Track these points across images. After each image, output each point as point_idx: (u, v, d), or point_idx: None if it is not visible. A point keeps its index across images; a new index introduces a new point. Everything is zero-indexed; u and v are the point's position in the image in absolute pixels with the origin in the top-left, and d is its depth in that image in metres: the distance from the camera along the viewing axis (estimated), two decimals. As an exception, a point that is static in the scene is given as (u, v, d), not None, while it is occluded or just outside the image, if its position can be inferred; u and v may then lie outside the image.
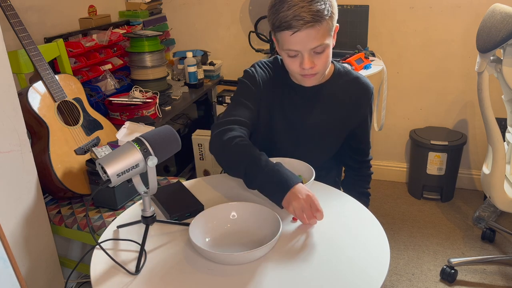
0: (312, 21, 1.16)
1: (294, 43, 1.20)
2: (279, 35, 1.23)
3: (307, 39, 1.18)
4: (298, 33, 1.17)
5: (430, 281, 2.02)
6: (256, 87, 1.37)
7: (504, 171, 1.72)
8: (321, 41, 1.20)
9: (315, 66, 1.24)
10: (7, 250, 1.20)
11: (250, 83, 1.37)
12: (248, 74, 1.39)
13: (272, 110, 1.40)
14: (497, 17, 1.56)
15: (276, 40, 1.28)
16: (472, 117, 2.65)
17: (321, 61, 1.24)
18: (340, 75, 1.38)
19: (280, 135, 1.42)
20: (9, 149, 1.34)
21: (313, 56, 1.23)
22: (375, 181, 2.93)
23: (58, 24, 2.20)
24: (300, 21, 1.15)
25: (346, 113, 1.38)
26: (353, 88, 1.37)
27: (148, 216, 1.05)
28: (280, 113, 1.40)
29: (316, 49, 1.21)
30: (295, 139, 1.42)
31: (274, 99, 1.39)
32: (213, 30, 2.92)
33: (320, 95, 1.37)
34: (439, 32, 2.53)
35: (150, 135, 1.01)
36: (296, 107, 1.39)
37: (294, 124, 1.40)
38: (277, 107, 1.39)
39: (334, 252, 1.00)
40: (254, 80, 1.37)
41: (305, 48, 1.20)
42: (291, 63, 1.26)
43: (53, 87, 1.64)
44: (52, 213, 1.62)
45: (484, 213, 2.40)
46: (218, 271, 0.95)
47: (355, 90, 1.37)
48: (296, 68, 1.26)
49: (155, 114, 2.18)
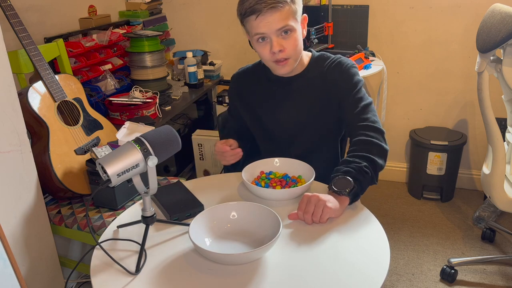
0: (273, 2, 1.23)
1: (260, 26, 1.26)
2: (246, 23, 1.29)
3: (271, 20, 1.25)
4: (261, 16, 1.24)
5: (430, 281, 2.02)
6: (234, 100, 1.56)
7: (504, 171, 1.72)
8: (285, 22, 1.26)
9: (285, 49, 1.29)
10: (7, 250, 1.20)
11: (230, 98, 1.60)
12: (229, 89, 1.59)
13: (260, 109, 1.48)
14: (497, 17, 1.56)
15: (247, 31, 1.34)
16: (472, 117, 2.65)
17: (290, 44, 1.29)
18: (318, 61, 1.43)
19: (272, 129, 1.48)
20: (9, 149, 1.34)
21: (281, 40, 1.28)
22: (375, 181, 2.93)
23: (58, 24, 2.20)
24: (262, 4, 1.23)
25: (328, 95, 1.40)
26: (330, 69, 1.40)
27: (148, 216, 1.05)
28: (267, 108, 1.47)
29: (282, 30, 1.26)
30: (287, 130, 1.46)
31: (258, 98, 1.48)
32: (213, 30, 2.92)
33: (300, 83, 1.42)
34: (439, 32, 2.53)
35: (150, 135, 1.01)
36: (279, 99, 1.45)
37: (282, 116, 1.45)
38: (264, 104, 1.47)
39: (334, 252, 1.00)
40: (231, 94, 1.58)
41: (270, 29, 1.26)
42: (262, 49, 1.31)
43: (53, 87, 1.64)
44: (52, 213, 1.62)
45: (484, 213, 2.40)
46: (218, 271, 0.95)
47: (332, 70, 1.39)
48: (268, 55, 1.31)
49: (155, 114, 2.18)
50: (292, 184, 1.25)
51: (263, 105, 1.48)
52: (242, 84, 1.53)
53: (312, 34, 2.37)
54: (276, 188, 1.23)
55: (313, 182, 1.25)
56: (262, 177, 1.30)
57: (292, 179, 1.27)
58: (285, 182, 1.26)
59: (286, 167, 1.33)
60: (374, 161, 1.21)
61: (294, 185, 1.24)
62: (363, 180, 1.17)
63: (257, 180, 1.28)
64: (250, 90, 1.50)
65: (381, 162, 1.24)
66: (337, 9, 2.61)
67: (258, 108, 1.49)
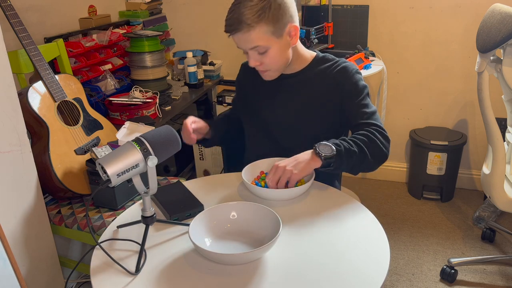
0: (231, 30, 1.28)
1: (236, 43, 1.32)
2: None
3: (239, 41, 1.30)
4: (232, 36, 1.30)
5: (430, 281, 2.02)
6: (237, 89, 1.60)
7: (504, 171, 1.72)
8: (254, 43, 1.28)
9: (262, 63, 1.34)
10: (7, 250, 1.20)
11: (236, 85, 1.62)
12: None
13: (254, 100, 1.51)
14: (497, 17, 1.56)
15: None
16: (472, 117, 2.65)
17: (267, 60, 1.32)
18: (319, 62, 1.44)
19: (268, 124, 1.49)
20: (9, 149, 1.34)
21: (257, 55, 1.32)
22: (375, 181, 2.93)
23: (58, 24, 2.20)
24: (227, 27, 1.29)
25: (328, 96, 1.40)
26: (331, 72, 1.40)
27: (148, 216, 1.05)
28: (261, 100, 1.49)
29: (255, 49, 1.30)
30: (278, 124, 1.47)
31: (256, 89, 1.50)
32: (213, 30, 2.91)
33: (296, 80, 1.44)
34: (439, 32, 2.53)
35: (150, 135, 1.01)
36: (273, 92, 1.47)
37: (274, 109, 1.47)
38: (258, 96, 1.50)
39: (334, 252, 1.00)
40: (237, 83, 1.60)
41: (244, 47, 1.31)
42: (247, 59, 1.36)
43: (53, 87, 1.64)
44: (52, 213, 1.62)
45: (484, 213, 2.40)
46: (218, 271, 0.95)
47: (333, 74, 1.39)
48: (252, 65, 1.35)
49: (155, 114, 2.18)
50: None
51: (258, 97, 1.50)
52: (246, 74, 1.55)
53: (312, 34, 2.37)
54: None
55: (313, 182, 1.25)
56: (262, 177, 1.30)
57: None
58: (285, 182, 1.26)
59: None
60: (365, 156, 1.23)
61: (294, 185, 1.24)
62: (344, 161, 1.20)
63: (257, 180, 1.28)
64: (251, 80, 1.52)
65: (372, 162, 1.25)
66: (337, 9, 2.61)
67: (253, 98, 1.52)
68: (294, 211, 1.17)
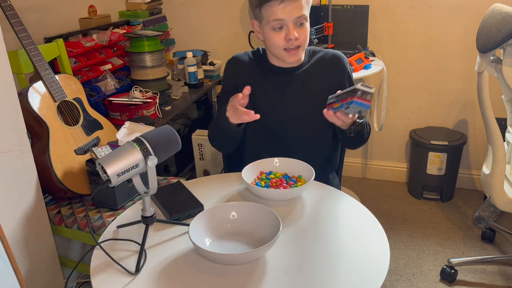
0: None
1: (281, 12, 1.31)
2: (265, 8, 1.33)
3: (292, 7, 1.30)
4: (284, 2, 1.30)
5: (430, 281, 2.02)
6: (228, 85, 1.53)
7: (504, 171, 1.72)
8: (303, 11, 1.33)
9: (299, 38, 1.35)
10: (7, 250, 1.20)
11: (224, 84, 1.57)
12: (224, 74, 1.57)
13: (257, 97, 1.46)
14: (497, 17, 1.56)
15: (260, 18, 1.38)
16: (472, 117, 2.65)
17: (303, 33, 1.36)
18: (312, 53, 1.51)
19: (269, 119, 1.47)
20: (9, 149, 1.34)
21: (296, 28, 1.34)
22: (375, 181, 2.93)
23: (58, 24, 2.20)
24: None
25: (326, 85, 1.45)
26: (327, 61, 1.48)
27: (148, 216, 1.06)
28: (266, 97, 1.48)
29: (299, 19, 1.33)
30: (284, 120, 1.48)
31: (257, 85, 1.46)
32: (213, 30, 2.92)
33: (300, 74, 1.46)
34: (439, 32, 2.53)
35: (150, 135, 1.01)
36: (279, 88, 1.47)
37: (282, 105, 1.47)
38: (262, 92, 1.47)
39: (334, 252, 1.00)
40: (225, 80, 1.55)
41: (290, 16, 1.31)
42: (277, 37, 1.35)
43: (53, 87, 1.64)
44: (52, 213, 1.62)
45: (484, 213, 2.40)
46: (218, 271, 0.95)
47: (329, 62, 1.48)
48: (281, 42, 1.35)
49: (155, 114, 2.18)
50: (292, 184, 1.25)
51: (262, 93, 1.47)
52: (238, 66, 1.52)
53: (312, 34, 2.37)
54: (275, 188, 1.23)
55: (313, 182, 1.25)
56: (262, 177, 1.30)
57: (292, 179, 1.28)
58: (285, 182, 1.26)
59: (286, 167, 1.33)
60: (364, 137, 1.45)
61: (294, 185, 1.24)
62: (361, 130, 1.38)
63: (257, 180, 1.28)
64: (247, 76, 1.49)
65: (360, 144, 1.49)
66: (337, 9, 2.61)
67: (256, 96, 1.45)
68: (294, 211, 1.17)
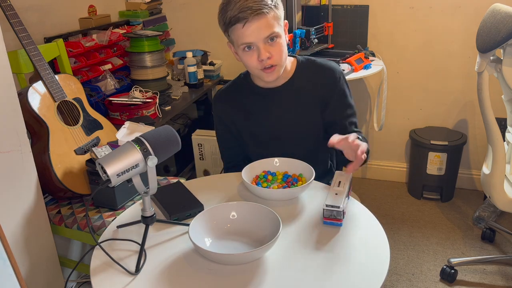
0: (258, 9, 1.22)
1: (247, 35, 1.25)
2: (232, 32, 1.28)
3: (257, 28, 1.24)
4: (248, 24, 1.23)
5: (430, 281, 2.02)
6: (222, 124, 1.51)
7: (504, 171, 1.72)
8: (271, 29, 1.26)
9: (272, 56, 1.28)
10: (7, 250, 1.20)
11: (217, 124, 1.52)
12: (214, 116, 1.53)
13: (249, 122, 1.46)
14: (497, 17, 1.56)
15: (231, 41, 1.34)
16: (472, 117, 2.65)
17: (276, 51, 1.29)
18: (304, 67, 1.43)
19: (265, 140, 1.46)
20: (9, 149, 1.34)
21: (268, 47, 1.28)
22: (375, 181, 2.93)
23: (58, 24, 2.20)
24: (247, 11, 1.22)
25: (318, 100, 1.41)
26: (319, 75, 1.41)
27: (148, 216, 1.05)
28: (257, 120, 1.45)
29: (269, 37, 1.26)
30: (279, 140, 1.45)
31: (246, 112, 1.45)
32: (213, 30, 2.91)
33: (288, 93, 1.42)
34: (439, 32, 2.53)
35: (150, 135, 1.01)
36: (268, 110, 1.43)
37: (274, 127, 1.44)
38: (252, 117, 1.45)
39: (334, 252, 1.00)
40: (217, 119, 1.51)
41: (258, 37, 1.26)
42: (249, 58, 1.30)
43: (53, 87, 1.64)
44: (52, 213, 1.62)
45: (484, 213, 2.40)
46: (218, 271, 0.95)
47: (321, 77, 1.41)
48: (255, 63, 1.30)
49: (155, 114, 2.18)
50: (292, 183, 1.25)
51: (252, 118, 1.45)
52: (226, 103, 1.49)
53: (312, 34, 2.37)
54: (274, 188, 1.23)
55: (313, 182, 1.25)
56: (261, 176, 1.30)
57: (293, 178, 1.27)
58: (286, 182, 1.26)
59: (286, 167, 1.33)
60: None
61: (294, 185, 1.24)
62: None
63: (257, 180, 1.28)
64: (237, 107, 1.47)
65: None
66: (337, 9, 2.61)
67: (247, 121, 1.46)
68: (294, 211, 1.17)
